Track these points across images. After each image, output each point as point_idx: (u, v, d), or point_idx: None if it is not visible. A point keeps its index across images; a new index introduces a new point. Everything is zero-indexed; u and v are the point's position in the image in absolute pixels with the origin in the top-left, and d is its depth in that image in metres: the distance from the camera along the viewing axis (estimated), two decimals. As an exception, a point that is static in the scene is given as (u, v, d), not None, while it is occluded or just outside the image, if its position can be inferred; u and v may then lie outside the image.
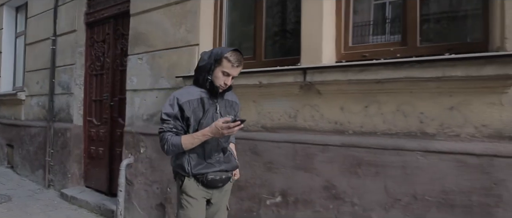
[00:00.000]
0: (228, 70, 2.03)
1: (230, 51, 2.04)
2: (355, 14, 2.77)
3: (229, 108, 2.19)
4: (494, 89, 2.02)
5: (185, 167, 2.08)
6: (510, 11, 1.99)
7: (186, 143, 2.00)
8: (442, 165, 2.14)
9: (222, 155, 2.17)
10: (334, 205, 2.53)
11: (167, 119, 2.04)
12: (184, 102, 2.03)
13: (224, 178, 2.16)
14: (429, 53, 2.31)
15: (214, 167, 2.11)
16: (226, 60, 2.02)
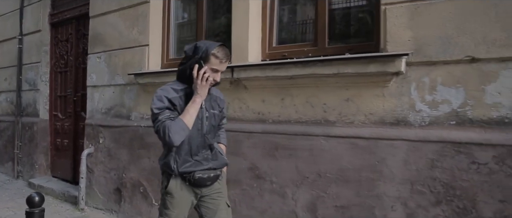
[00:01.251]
0: (217, 66, 1.90)
1: (216, 47, 1.89)
2: (279, 18, 3.05)
3: (214, 102, 2.06)
4: (378, 83, 2.34)
5: (171, 165, 1.93)
6: (390, 19, 2.31)
7: (187, 118, 1.84)
8: (340, 147, 2.46)
9: (210, 152, 2.02)
10: (257, 184, 2.83)
11: (161, 111, 1.85)
12: (172, 98, 1.89)
13: (212, 177, 2.01)
14: (334, 53, 2.62)
15: (202, 165, 1.96)
16: (214, 57, 1.87)
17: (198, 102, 1.88)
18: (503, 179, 1.96)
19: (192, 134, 1.91)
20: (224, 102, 2.20)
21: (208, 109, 2.00)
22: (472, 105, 2.07)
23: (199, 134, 1.95)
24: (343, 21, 2.80)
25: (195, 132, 1.93)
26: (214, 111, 2.04)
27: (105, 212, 4.08)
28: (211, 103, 2.04)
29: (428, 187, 2.15)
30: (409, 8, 2.25)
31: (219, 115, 2.10)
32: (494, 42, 2.00)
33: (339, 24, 2.80)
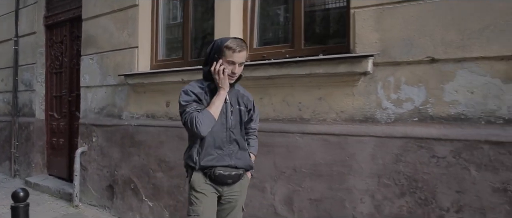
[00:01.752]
0: (231, 58, 1.89)
1: (229, 39, 1.92)
2: (259, 21, 3.18)
3: (241, 99, 2.06)
4: (348, 83, 2.48)
5: (194, 157, 1.93)
6: (358, 22, 2.45)
7: (212, 109, 1.88)
8: (313, 144, 2.60)
9: (236, 149, 2.00)
10: (239, 179, 2.97)
11: (188, 103, 1.89)
12: (198, 92, 1.93)
13: (233, 175, 1.96)
14: (309, 54, 2.75)
15: (224, 161, 1.93)
16: (227, 49, 1.88)
17: (222, 94, 1.91)
18: (459, 172, 2.10)
19: (216, 128, 1.92)
20: (252, 104, 2.15)
21: (233, 104, 2.01)
22: (432, 103, 2.20)
23: (224, 128, 1.95)
24: (318, 23, 2.94)
25: (220, 126, 1.94)
26: (239, 107, 2.04)
27: (98, 208, 4.23)
28: (237, 99, 2.05)
29: (393, 180, 2.29)
30: (376, 12, 2.38)
31: (246, 113, 2.09)
32: (451, 43, 2.14)
33: (314, 26, 2.94)
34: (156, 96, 3.68)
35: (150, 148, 3.68)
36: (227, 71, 1.91)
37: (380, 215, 2.33)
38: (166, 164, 3.53)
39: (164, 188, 3.55)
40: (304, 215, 2.64)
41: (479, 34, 2.06)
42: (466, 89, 2.11)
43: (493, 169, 2.01)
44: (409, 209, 2.24)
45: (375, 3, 2.39)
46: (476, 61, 2.08)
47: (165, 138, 3.55)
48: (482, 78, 2.07)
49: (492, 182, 2.02)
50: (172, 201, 3.47)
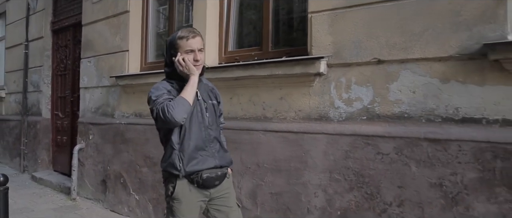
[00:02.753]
0: (188, 46, 1.80)
1: (179, 31, 1.87)
2: (234, 26, 3.33)
3: (210, 93, 1.98)
4: (305, 83, 2.59)
5: (177, 165, 1.78)
6: (315, 26, 2.56)
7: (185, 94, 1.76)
8: (274, 141, 2.72)
9: (217, 147, 1.91)
10: (211, 174, 3.12)
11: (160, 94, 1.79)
12: (169, 89, 1.84)
13: (220, 175, 1.87)
14: (275, 56, 2.88)
15: (209, 162, 1.83)
16: (180, 40, 1.81)
17: (193, 79, 1.79)
18: (401, 167, 2.18)
19: (194, 128, 1.81)
20: (219, 96, 2.07)
21: (206, 99, 1.91)
22: (379, 102, 2.29)
23: (202, 127, 1.84)
24: (284, 28, 3.06)
25: (197, 126, 1.83)
26: (212, 101, 1.95)
27: (93, 201, 4.46)
28: (208, 93, 1.95)
29: (343, 175, 2.39)
30: (330, 16, 2.49)
31: (217, 107, 2.00)
32: (394, 45, 2.22)
33: (281, 30, 3.06)
34: (143, 96, 3.84)
35: (137, 145, 3.88)
36: (187, 60, 1.80)
37: (331, 209, 2.43)
38: (150, 160, 3.72)
39: (148, 182, 3.73)
40: (266, 208, 2.76)
41: (419, 36, 2.14)
42: (409, 89, 2.19)
43: (431, 165, 2.08)
44: (357, 203, 2.33)
45: (329, 8, 2.49)
46: (417, 62, 2.16)
47: (150, 135, 3.73)
48: (422, 78, 2.15)
49: (429, 177, 2.09)
50: (155, 194, 3.65)
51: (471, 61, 1.99)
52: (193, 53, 1.82)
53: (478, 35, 1.96)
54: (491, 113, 1.94)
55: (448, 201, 2.03)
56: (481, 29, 1.96)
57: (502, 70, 1.91)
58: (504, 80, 1.91)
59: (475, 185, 1.95)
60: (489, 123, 1.95)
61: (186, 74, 1.81)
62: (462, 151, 1.99)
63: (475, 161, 1.96)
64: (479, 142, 1.95)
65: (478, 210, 1.94)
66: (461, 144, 2.00)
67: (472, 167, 1.96)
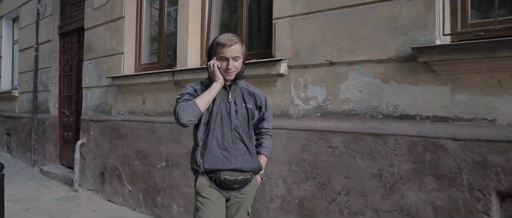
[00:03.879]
0: (222, 53, 1.79)
1: (221, 35, 1.85)
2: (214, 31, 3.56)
3: (248, 97, 1.92)
4: (269, 83, 2.80)
5: (198, 160, 1.82)
6: (278, 31, 2.77)
7: (199, 100, 1.77)
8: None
9: (243, 150, 1.85)
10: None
11: (182, 96, 1.83)
12: (198, 89, 1.85)
13: (239, 180, 1.80)
14: (248, 59, 3.08)
15: (230, 163, 1.79)
16: (217, 45, 1.80)
17: (214, 86, 1.80)
18: (348, 160, 2.37)
19: (218, 129, 1.81)
20: (264, 101, 2.00)
21: (239, 102, 1.87)
22: (330, 100, 2.49)
23: (228, 128, 1.82)
24: (256, 32, 3.27)
25: (223, 126, 1.82)
26: (247, 105, 1.90)
27: (93, 192, 4.76)
28: (243, 97, 1.91)
29: (300, 167, 2.60)
30: (290, 22, 2.70)
31: (255, 111, 1.94)
32: (344, 49, 2.42)
33: (253, 35, 3.27)
34: (135, 95, 4.15)
35: (130, 140, 4.16)
36: (221, 67, 1.80)
37: (290, 197, 2.64)
38: (141, 154, 3.99)
39: (139, 174, 4.01)
40: (237, 197, 2.98)
41: (364, 40, 2.33)
42: (356, 88, 2.38)
43: (373, 158, 2.28)
44: (311, 192, 2.54)
45: (289, 15, 2.70)
46: (362, 64, 2.35)
47: (141, 131, 4.01)
48: (367, 78, 2.34)
49: (371, 169, 2.28)
50: (145, 185, 3.92)
51: (407, 63, 2.18)
52: (226, 61, 1.80)
53: (412, 40, 2.15)
54: (424, 110, 2.13)
55: (387, 190, 2.22)
56: (414, 34, 2.14)
57: (432, 71, 2.09)
58: (434, 80, 2.09)
59: (409, 176, 2.14)
60: (422, 119, 2.13)
61: (212, 78, 1.83)
62: (398, 145, 2.18)
63: (408, 153, 2.14)
64: (412, 136, 2.14)
65: (410, 198, 2.13)
66: (398, 138, 2.19)
67: (406, 159, 2.15)
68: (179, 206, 3.51)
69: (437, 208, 2.04)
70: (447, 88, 2.05)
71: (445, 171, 2.02)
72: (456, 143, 2.00)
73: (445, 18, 2.10)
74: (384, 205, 2.23)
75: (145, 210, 3.90)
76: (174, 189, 3.57)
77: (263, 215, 2.79)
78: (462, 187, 1.97)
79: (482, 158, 1.92)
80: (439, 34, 2.08)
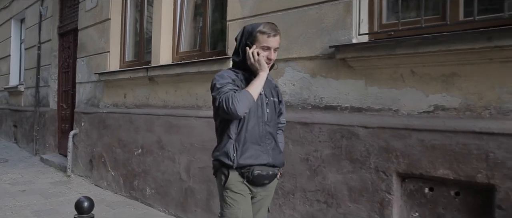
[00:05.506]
0: (266, 43, 1.67)
1: (262, 24, 1.71)
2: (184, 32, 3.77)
3: (273, 90, 1.84)
4: (224, 78, 3.01)
5: (231, 155, 1.65)
6: (230, 32, 2.97)
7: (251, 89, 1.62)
8: (203, 125, 3.15)
9: (273, 144, 1.75)
10: (161, 152, 3.60)
11: (223, 85, 1.64)
12: (234, 78, 1.69)
13: (270, 175, 1.72)
14: (210, 56, 3.31)
15: (262, 159, 1.68)
16: (260, 34, 1.66)
17: (263, 76, 1.66)
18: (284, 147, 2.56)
19: (252, 122, 1.68)
20: (281, 95, 1.94)
21: (268, 95, 1.77)
22: (271, 93, 2.68)
23: (260, 122, 1.71)
24: (217, 33, 3.47)
25: (256, 120, 1.69)
26: (273, 99, 1.81)
27: (84, 178, 5.03)
28: (271, 90, 1.81)
29: (245, 152, 2.80)
30: (240, 24, 2.89)
31: (278, 105, 1.86)
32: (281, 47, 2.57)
33: (215, 35, 3.47)
34: (118, 90, 4.39)
35: (113, 130, 4.40)
36: (262, 55, 1.66)
37: (237, 179, 2.85)
38: (122, 142, 4.23)
39: (120, 160, 4.25)
40: (196, 179, 3.20)
41: (297, 40, 2.53)
42: (291, 83, 2.58)
43: (301, 144, 2.47)
44: (254, 174, 2.73)
45: (239, 17, 2.91)
46: (295, 60, 2.54)
47: (122, 122, 4.25)
48: (299, 74, 2.53)
49: (300, 154, 2.47)
50: (124, 170, 4.16)
51: (330, 60, 2.36)
52: (269, 50, 1.69)
53: (334, 39, 2.33)
54: (343, 102, 2.31)
55: (312, 172, 2.41)
56: (336, 34, 2.33)
57: (349, 67, 2.27)
58: (351, 75, 2.27)
59: (329, 159, 2.33)
60: (342, 109, 2.32)
61: (256, 68, 1.67)
62: (321, 132, 2.37)
63: (329, 140, 2.33)
64: (332, 125, 2.33)
65: (330, 180, 2.32)
66: (321, 127, 2.38)
67: (327, 145, 2.34)
68: (151, 188, 3.74)
69: (351, 188, 2.23)
70: (362, 82, 2.23)
71: (357, 155, 2.21)
72: (366, 130, 2.18)
73: (362, 19, 2.28)
74: (310, 186, 2.42)
75: (124, 193, 4.15)
76: (148, 174, 3.80)
77: (215, 195, 3.00)
78: (370, 169, 2.16)
79: (386, 144, 2.10)
80: (355, 34, 2.26)
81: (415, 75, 2.03)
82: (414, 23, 2.09)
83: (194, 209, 3.23)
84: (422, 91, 2.01)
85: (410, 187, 2.08)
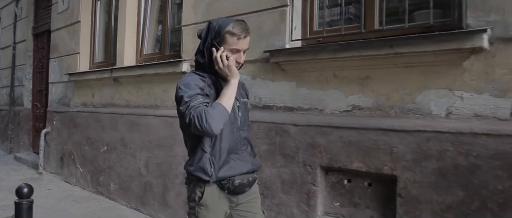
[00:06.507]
0: (236, 46, 1.50)
1: (231, 23, 1.51)
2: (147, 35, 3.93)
3: (242, 90, 1.69)
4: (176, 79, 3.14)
5: (208, 170, 1.49)
6: (185, 36, 3.16)
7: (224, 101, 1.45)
8: (160, 123, 3.32)
9: (249, 150, 1.63)
10: (124, 149, 3.74)
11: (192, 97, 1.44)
12: (202, 86, 1.50)
13: (251, 181, 1.61)
14: (168, 58, 3.47)
15: (241, 167, 1.56)
16: (230, 35, 1.48)
17: (235, 83, 1.50)
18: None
19: (226, 130, 1.51)
20: (249, 92, 1.80)
21: (239, 97, 1.60)
22: (218, 94, 2.87)
23: (234, 128, 1.55)
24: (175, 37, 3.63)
25: (230, 127, 1.53)
26: (243, 99, 1.67)
27: (55, 175, 5.12)
28: (240, 90, 1.64)
29: (196, 148, 2.98)
30: (193, 29, 3.07)
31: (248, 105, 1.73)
32: (227, 52, 2.79)
33: (174, 39, 3.64)
34: (87, 90, 4.52)
35: (82, 128, 4.52)
36: (231, 59, 1.49)
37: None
38: (90, 140, 4.36)
39: (88, 157, 4.37)
40: (154, 174, 3.37)
41: (240, 45, 2.71)
42: (235, 84, 2.76)
43: (243, 140, 2.66)
44: (203, 169, 2.91)
45: (192, 23, 3.09)
46: (239, 64, 2.73)
47: (90, 120, 4.38)
48: (243, 76, 2.67)
49: (242, 149, 2.66)
50: (92, 167, 4.29)
51: (268, 64, 2.56)
52: (238, 53, 1.52)
53: (271, 44, 2.53)
54: (278, 102, 2.51)
55: (252, 165, 2.60)
56: (273, 39, 2.53)
57: (283, 70, 2.48)
58: (285, 78, 2.48)
59: (266, 155, 2.53)
60: (277, 109, 2.52)
61: (226, 74, 1.50)
62: (259, 130, 2.57)
63: (266, 137, 2.53)
64: (268, 123, 2.52)
65: (266, 173, 2.52)
66: (259, 125, 2.57)
67: (264, 141, 2.54)
68: (115, 184, 3.89)
69: (284, 181, 2.44)
70: (293, 84, 2.44)
71: (289, 150, 2.41)
72: (296, 128, 2.39)
73: (295, 27, 2.49)
74: (250, 178, 2.61)
75: (91, 188, 4.27)
76: (112, 170, 3.94)
77: (170, 189, 3.18)
78: (299, 163, 2.36)
79: (312, 140, 2.31)
80: (288, 39, 2.47)
81: (336, 78, 2.25)
82: (337, 31, 2.30)
83: (152, 202, 3.39)
84: (343, 92, 2.23)
85: (332, 179, 2.29)
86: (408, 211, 1.95)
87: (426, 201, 1.90)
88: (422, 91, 1.95)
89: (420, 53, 1.91)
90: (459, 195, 1.81)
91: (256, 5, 2.63)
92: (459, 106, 1.85)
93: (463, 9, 1.84)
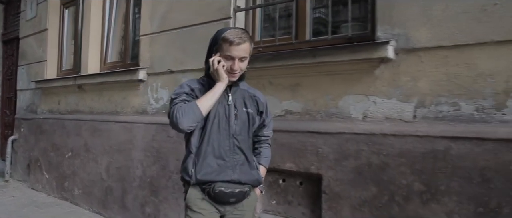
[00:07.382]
0: (229, 52, 1.51)
1: (228, 30, 1.56)
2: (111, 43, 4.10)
3: (249, 100, 1.66)
4: (134, 87, 3.37)
5: (189, 170, 1.54)
6: (141, 46, 3.35)
7: (201, 101, 1.49)
8: (120, 129, 3.49)
9: (242, 160, 1.59)
10: (87, 155, 3.89)
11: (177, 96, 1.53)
12: (195, 88, 1.57)
13: (237, 192, 1.56)
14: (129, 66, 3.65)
15: (226, 174, 1.54)
16: (224, 42, 1.51)
17: (218, 86, 1.52)
18: (178, 146, 2.94)
19: (215, 135, 1.54)
20: (265, 106, 1.74)
21: (239, 106, 1.61)
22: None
23: (226, 135, 1.56)
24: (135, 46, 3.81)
25: (221, 133, 1.55)
26: (248, 110, 1.64)
27: (22, 182, 5.20)
28: (244, 100, 1.64)
29: (151, 152, 3.16)
30: (149, 38, 3.27)
31: (256, 117, 1.68)
32: (179, 60, 3.01)
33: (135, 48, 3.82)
34: (54, 97, 4.64)
35: (49, 135, 4.64)
36: (223, 64, 1.52)
37: (145, 177, 3.20)
38: (56, 146, 4.48)
39: (54, 163, 4.49)
40: (114, 178, 3.53)
41: (190, 54, 2.93)
42: (186, 91, 2.96)
43: (193, 143, 2.85)
44: (157, 172, 3.10)
45: (149, 33, 3.29)
46: (191, 71, 2.94)
47: (56, 127, 4.50)
48: (193, 83, 2.92)
49: (192, 152, 2.86)
50: (57, 173, 4.41)
51: (214, 72, 2.76)
52: (232, 61, 1.53)
53: (216, 54, 2.74)
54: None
55: (200, 167, 2.79)
56: (218, 50, 2.74)
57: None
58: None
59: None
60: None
61: (214, 77, 1.55)
62: (207, 133, 2.76)
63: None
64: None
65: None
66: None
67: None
68: (79, 189, 4.02)
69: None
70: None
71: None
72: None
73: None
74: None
75: (57, 194, 4.39)
76: (76, 175, 4.07)
77: (128, 192, 3.34)
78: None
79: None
80: (231, 50, 2.68)
81: (272, 85, 2.48)
82: (272, 42, 2.54)
83: (112, 206, 3.54)
84: (278, 98, 2.45)
85: (269, 179, 2.50)
86: (331, 206, 2.18)
87: (346, 197, 2.13)
88: (343, 97, 2.19)
89: (339, 62, 2.15)
90: (373, 190, 2.05)
91: (203, 17, 2.85)
92: (373, 110, 2.10)
93: (376, 23, 2.09)
